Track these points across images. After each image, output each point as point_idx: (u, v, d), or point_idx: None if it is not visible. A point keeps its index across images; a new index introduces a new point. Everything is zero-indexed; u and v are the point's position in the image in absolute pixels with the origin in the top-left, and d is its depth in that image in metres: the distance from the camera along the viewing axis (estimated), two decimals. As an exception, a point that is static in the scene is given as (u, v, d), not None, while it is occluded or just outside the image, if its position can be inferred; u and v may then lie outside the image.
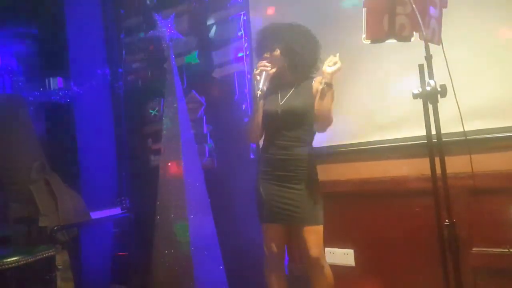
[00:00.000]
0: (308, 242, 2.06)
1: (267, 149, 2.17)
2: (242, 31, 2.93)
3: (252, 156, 2.89)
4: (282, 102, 2.15)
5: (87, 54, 3.56)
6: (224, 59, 3.06)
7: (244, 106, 2.93)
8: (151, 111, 3.50)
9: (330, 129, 2.50)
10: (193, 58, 3.23)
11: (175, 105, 2.74)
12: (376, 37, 1.55)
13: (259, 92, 2.05)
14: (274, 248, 2.17)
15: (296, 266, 2.56)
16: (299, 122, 2.12)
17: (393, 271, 2.32)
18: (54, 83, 3.41)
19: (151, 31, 2.89)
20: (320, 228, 2.08)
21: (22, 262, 2.13)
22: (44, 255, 2.26)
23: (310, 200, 2.08)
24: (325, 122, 2.10)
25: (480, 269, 2.04)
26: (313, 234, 2.06)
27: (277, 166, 2.12)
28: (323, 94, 2.02)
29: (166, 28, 2.81)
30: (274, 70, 2.13)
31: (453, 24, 1.93)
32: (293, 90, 2.18)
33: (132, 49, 3.66)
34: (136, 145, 3.63)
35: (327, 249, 2.18)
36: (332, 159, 2.42)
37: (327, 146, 2.50)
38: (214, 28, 3.12)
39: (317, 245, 2.07)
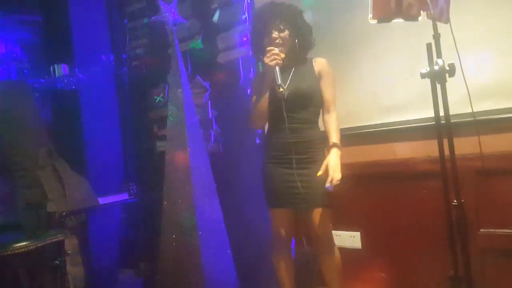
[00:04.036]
0: (320, 222, 2.07)
1: (276, 133, 2.13)
2: (246, 15, 2.90)
3: (257, 141, 2.89)
4: (286, 85, 2.08)
5: (91, 40, 3.55)
6: (228, 44, 3.03)
7: (249, 91, 2.90)
8: (156, 97, 3.50)
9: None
10: (198, 43, 3.20)
11: (179, 90, 2.73)
12: (383, 16, 1.52)
13: (282, 90, 1.98)
14: (283, 232, 2.17)
15: (303, 250, 2.57)
16: (305, 103, 2.12)
17: (400, 253, 2.32)
18: (59, 70, 3.41)
19: (155, 16, 2.86)
20: (329, 208, 2.11)
21: (31, 247, 2.15)
22: (53, 240, 2.28)
23: (321, 181, 2.09)
24: None
25: (488, 250, 2.04)
26: (324, 215, 2.08)
27: (289, 150, 2.09)
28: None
29: (170, 13, 2.78)
30: (283, 55, 2.05)
31: (460, 2, 1.90)
32: (293, 73, 2.14)
33: (136, 35, 3.64)
34: (142, 131, 3.64)
35: (333, 231, 2.18)
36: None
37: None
38: (217, 12, 3.08)
39: (328, 224, 2.10)
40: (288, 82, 2.12)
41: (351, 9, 2.33)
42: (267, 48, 2.04)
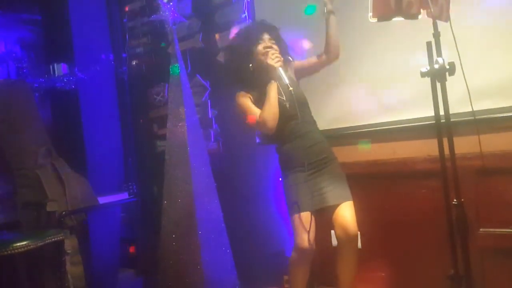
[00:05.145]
0: (347, 218, 2.06)
1: (291, 142, 2.14)
2: (246, 13, 2.89)
3: (257, 140, 2.88)
4: (283, 95, 2.12)
5: (91, 40, 3.54)
6: (228, 42, 3.02)
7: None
8: (155, 96, 3.50)
9: (336, 111, 2.50)
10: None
11: (179, 89, 2.72)
12: (383, 15, 1.52)
13: (291, 89, 2.00)
14: (309, 238, 2.06)
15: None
16: (304, 105, 2.16)
17: (400, 253, 2.32)
18: (59, 69, 3.41)
19: (154, 15, 2.85)
20: (353, 203, 2.11)
21: (31, 246, 2.14)
22: (53, 240, 2.28)
23: (341, 177, 2.15)
24: (337, 51, 2.15)
25: (488, 249, 2.04)
26: (351, 209, 2.09)
27: (309, 156, 2.11)
28: (330, 23, 2.08)
29: (169, 11, 2.77)
30: (282, 58, 2.11)
31: (460, 1, 1.90)
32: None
33: (136, 34, 3.64)
34: (141, 131, 3.64)
35: (332, 231, 2.17)
36: (339, 141, 2.41)
37: (333, 129, 2.48)
38: (217, 11, 3.08)
39: (355, 219, 2.07)
40: (283, 92, 2.14)
41: (350, 8, 2.32)
42: (269, 51, 2.09)
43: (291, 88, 2.02)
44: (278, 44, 2.18)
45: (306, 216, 2.06)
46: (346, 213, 2.07)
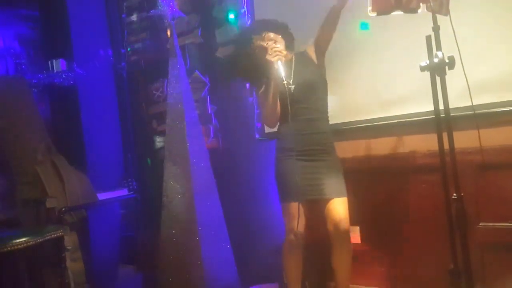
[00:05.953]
0: (339, 214, 2.07)
1: (290, 126, 2.11)
2: (245, 8, 2.88)
3: (257, 136, 2.88)
4: (291, 78, 2.14)
5: (90, 35, 3.53)
6: (227, 38, 3.02)
7: (248, 85, 2.89)
8: (155, 92, 3.50)
9: (335, 107, 2.49)
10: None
11: (178, 85, 2.72)
12: (382, 9, 1.52)
13: (286, 82, 2.01)
14: (300, 228, 2.10)
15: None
16: (312, 92, 2.15)
17: (399, 247, 2.33)
18: (57, 65, 3.38)
19: (153, 10, 2.84)
20: (346, 199, 2.12)
21: (31, 242, 2.14)
22: (53, 236, 2.28)
23: (337, 172, 2.13)
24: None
25: (487, 244, 2.04)
26: (343, 205, 2.09)
27: (304, 142, 2.10)
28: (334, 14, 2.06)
29: (168, 6, 2.76)
30: (285, 52, 2.12)
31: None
32: (294, 65, 2.19)
33: (134, 29, 3.62)
34: (141, 127, 3.63)
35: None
36: (338, 136, 2.40)
37: (333, 124, 2.48)
38: (216, 6, 3.07)
39: (346, 216, 2.09)
40: (292, 75, 2.16)
41: (349, 2, 2.31)
42: (269, 46, 2.09)
43: (285, 82, 2.01)
44: (286, 39, 2.20)
45: (294, 206, 2.07)
46: (338, 209, 2.08)
